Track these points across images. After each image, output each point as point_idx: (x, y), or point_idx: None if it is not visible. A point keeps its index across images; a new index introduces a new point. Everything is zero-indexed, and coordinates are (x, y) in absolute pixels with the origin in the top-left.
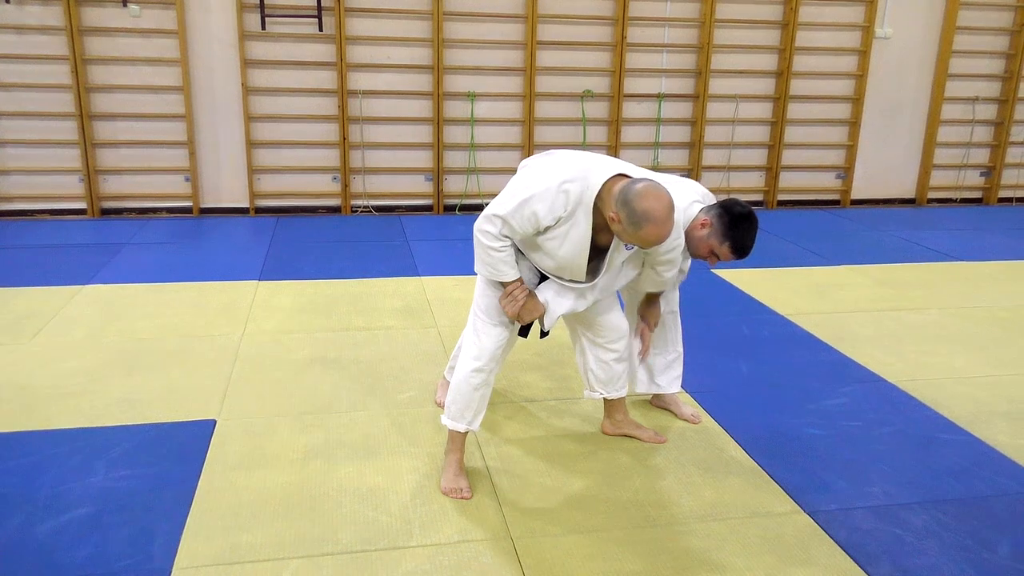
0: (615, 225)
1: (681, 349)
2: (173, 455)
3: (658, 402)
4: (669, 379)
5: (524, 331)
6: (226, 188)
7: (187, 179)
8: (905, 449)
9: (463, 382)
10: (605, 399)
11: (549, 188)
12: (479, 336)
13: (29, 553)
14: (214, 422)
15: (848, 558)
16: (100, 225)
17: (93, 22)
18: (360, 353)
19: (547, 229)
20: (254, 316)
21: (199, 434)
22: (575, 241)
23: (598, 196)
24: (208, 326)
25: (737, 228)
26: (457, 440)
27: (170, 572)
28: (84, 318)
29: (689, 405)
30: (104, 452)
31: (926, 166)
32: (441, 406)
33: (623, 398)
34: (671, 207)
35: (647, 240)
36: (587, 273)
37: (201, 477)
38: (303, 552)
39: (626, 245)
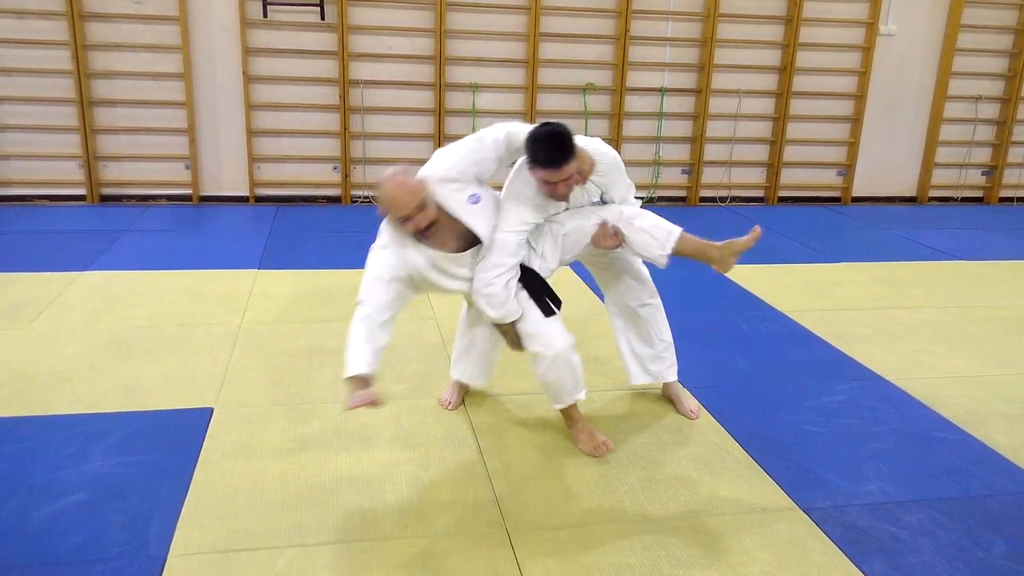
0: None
1: (669, 339)
2: (170, 443)
3: (665, 391)
4: (662, 368)
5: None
6: (226, 176)
7: (187, 167)
8: (902, 447)
9: (569, 360)
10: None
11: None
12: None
13: (24, 538)
14: (211, 410)
15: (843, 555)
16: (99, 212)
17: (94, 8)
18: None
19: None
20: (252, 305)
21: (196, 422)
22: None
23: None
24: (206, 314)
25: (535, 146)
26: (575, 410)
27: (165, 559)
28: (82, 304)
29: (692, 401)
30: (100, 439)
31: (928, 164)
32: (444, 405)
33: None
34: (405, 185)
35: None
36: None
37: (197, 465)
38: (298, 541)
39: None
